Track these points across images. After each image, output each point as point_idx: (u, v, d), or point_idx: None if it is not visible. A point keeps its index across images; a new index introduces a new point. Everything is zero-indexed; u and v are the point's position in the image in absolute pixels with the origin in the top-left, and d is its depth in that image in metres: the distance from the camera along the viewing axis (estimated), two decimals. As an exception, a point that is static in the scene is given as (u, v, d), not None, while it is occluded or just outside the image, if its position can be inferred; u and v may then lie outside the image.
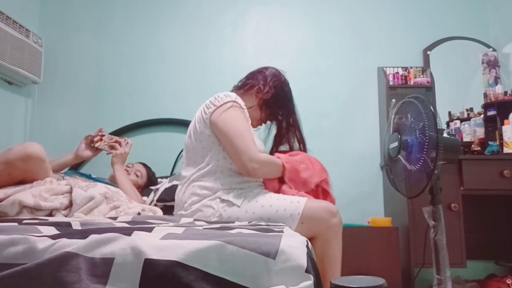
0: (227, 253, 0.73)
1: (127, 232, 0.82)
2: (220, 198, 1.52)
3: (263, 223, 1.31)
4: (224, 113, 1.57)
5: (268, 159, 1.60)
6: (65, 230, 0.93)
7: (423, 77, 2.68)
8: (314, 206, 1.48)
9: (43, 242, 0.75)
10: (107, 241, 0.73)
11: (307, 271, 0.73)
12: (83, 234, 0.80)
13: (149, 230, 0.91)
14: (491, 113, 2.38)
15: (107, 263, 0.70)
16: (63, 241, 0.75)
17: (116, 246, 0.72)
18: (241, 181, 1.59)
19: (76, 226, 1.03)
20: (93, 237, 0.75)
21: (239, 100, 1.65)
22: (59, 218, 1.42)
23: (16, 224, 1.00)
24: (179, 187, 1.68)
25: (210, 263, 0.71)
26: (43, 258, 0.70)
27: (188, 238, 0.79)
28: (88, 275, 0.68)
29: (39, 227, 0.93)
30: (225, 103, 1.59)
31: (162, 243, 0.74)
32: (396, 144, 1.73)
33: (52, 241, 0.75)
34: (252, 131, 1.67)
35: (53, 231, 0.90)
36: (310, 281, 0.72)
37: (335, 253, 1.49)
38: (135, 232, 0.84)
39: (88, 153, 2.22)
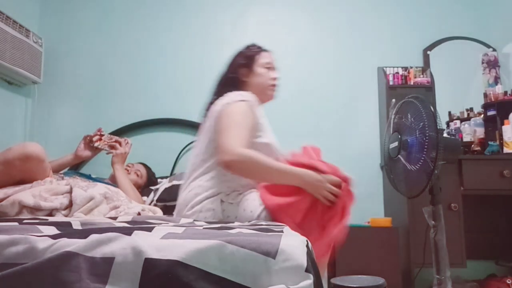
0: (227, 253, 0.73)
1: (127, 232, 0.82)
2: (221, 199, 1.51)
3: (264, 223, 1.31)
4: (226, 108, 1.52)
5: (247, 154, 1.39)
6: (65, 229, 0.93)
7: (423, 77, 2.68)
8: None
9: (44, 241, 0.75)
10: (108, 240, 0.73)
11: (307, 270, 0.73)
12: (83, 233, 0.80)
13: (149, 229, 0.91)
14: (491, 113, 2.38)
15: (107, 262, 0.70)
16: (64, 240, 0.75)
17: (117, 246, 0.72)
18: (245, 183, 1.54)
19: (76, 226, 1.03)
20: (93, 236, 0.75)
21: (250, 97, 1.57)
22: (59, 218, 1.42)
23: (16, 224, 1.00)
24: (183, 186, 1.63)
25: (210, 262, 0.71)
26: (43, 258, 0.70)
27: (188, 237, 0.79)
28: (89, 274, 0.68)
29: (39, 226, 0.93)
30: (235, 102, 1.53)
31: (163, 243, 0.74)
32: (396, 144, 1.73)
33: (52, 241, 0.75)
34: (260, 126, 1.56)
35: (53, 231, 0.90)
36: (310, 281, 0.72)
37: None
38: (135, 232, 0.84)
39: (87, 153, 2.22)
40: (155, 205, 2.08)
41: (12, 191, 1.51)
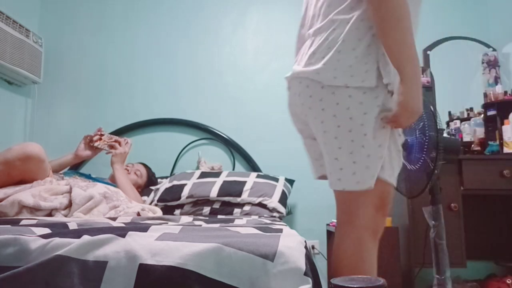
0: (224, 255, 0.72)
1: (121, 232, 0.80)
2: None
3: (267, 220, 1.29)
4: None
5: None
6: (58, 230, 0.92)
7: (423, 77, 2.67)
8: None
9: (36, 242, 0.73)
10: (101, 243, 0.72)
11: (305, 274, 0.72)
12: (76, 233, 0.78)
13: (145, 229, 0.89)
14: (491, 113, 2.37)
15: (100, 266, 0.68)
16: (56, 241, 0.73)
17: (110, 249, 0.71)
18: None
19: (72, 226, 1.02)
20: (85, 238, 0.74)
21: None
22: (58, 218, 1.42)
23: (9, 226, 0.99)
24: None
25: (207, 265, 0.70)
26: (35, 263, 0.69)
27: (184, 238, 0.77)
28: (81, 279, 0.66)
29: (33, 228, 0.91)
30: None
31: (158, 246, 0.73)
32: (395, 144, 1.73)
33: (44, 241, 0.73)
34: None
35: (46, 231, 0.89)
36: (309, 285, 0.71)
37: None
38: (129, 233, 0.82)
39: (87, 152, 2.23)
40: (155, 205, 2.08)
41: (12, 191, 1.52)
